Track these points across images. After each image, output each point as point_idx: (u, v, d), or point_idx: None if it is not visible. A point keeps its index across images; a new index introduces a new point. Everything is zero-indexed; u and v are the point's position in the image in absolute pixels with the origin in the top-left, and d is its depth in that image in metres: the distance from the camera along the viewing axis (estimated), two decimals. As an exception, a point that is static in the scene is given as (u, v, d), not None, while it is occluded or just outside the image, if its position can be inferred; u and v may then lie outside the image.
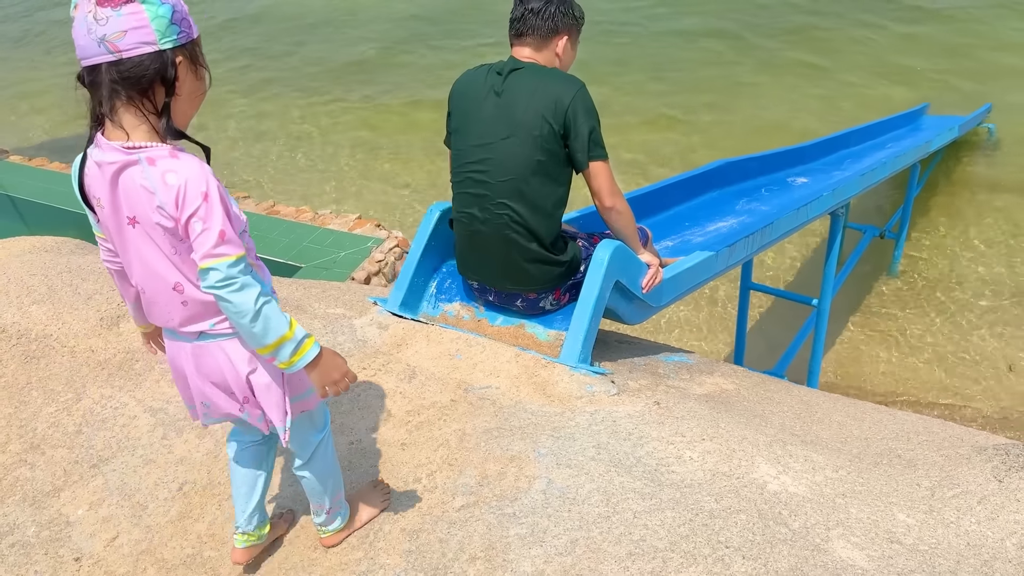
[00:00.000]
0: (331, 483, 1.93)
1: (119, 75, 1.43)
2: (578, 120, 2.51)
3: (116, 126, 1.47)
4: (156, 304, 1.61)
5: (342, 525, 2.01)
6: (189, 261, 1.52)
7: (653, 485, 2.06)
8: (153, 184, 1.45)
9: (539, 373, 2.57)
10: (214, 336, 1.62)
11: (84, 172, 1.53)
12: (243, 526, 1.93)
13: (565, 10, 2.61)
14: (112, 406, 2.59)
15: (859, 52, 9.53)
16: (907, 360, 5.65)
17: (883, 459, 2.35)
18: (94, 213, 1.58)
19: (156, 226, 1.49)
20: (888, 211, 6.90)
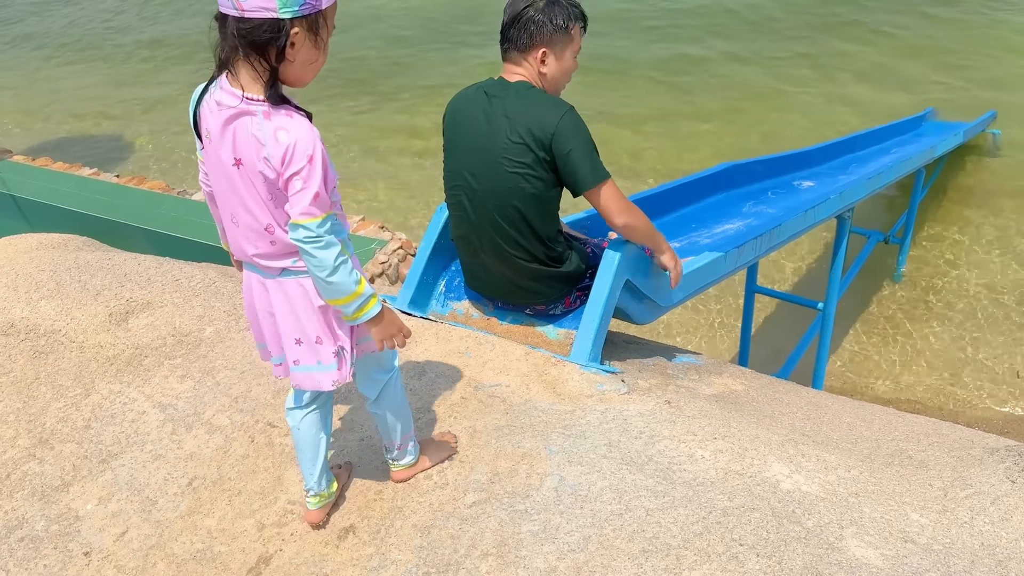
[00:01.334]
0: (401, 420, 2.04)
1: (239, 32, 1.50)
2: (566, 146, 2.38)
3: (235, 77, 1.55)
4: (246, 238, 1.70)
5: (413, 461, 2.13)
6: (280, 210, 1.62)
7: (665, 483, 2.06)
8: (264, 137, 1.54)
9: (549, 371, 2.57)
10: (295, 273, 1.71)
11: (201, 105, 1.63)
12: (314, 488, 2.02)
13: (545, 21, 2.42)
14: (121, 401, 2.58)
15: (861, 57, 9.54)
16: (912, 365, 5.64)
17: (894, 460, 2.34)
18: (200, 141, 1.67)
19: (259, 173, 1.58)
20: (892, 216, 6.90)
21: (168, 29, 13.41)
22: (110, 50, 12.93)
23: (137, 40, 13.17)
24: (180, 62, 12.02)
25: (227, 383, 2.58)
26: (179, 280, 3.12)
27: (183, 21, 13.69)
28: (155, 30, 13.51)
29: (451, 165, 2.62)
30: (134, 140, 9.90)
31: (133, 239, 6.50)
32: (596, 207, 2.49)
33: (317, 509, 2.04)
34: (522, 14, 2.43)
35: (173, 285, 3.08)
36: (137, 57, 12.48)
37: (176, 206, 7.03)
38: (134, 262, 3.25)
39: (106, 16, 14.54)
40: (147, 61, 12.26)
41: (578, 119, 2.43)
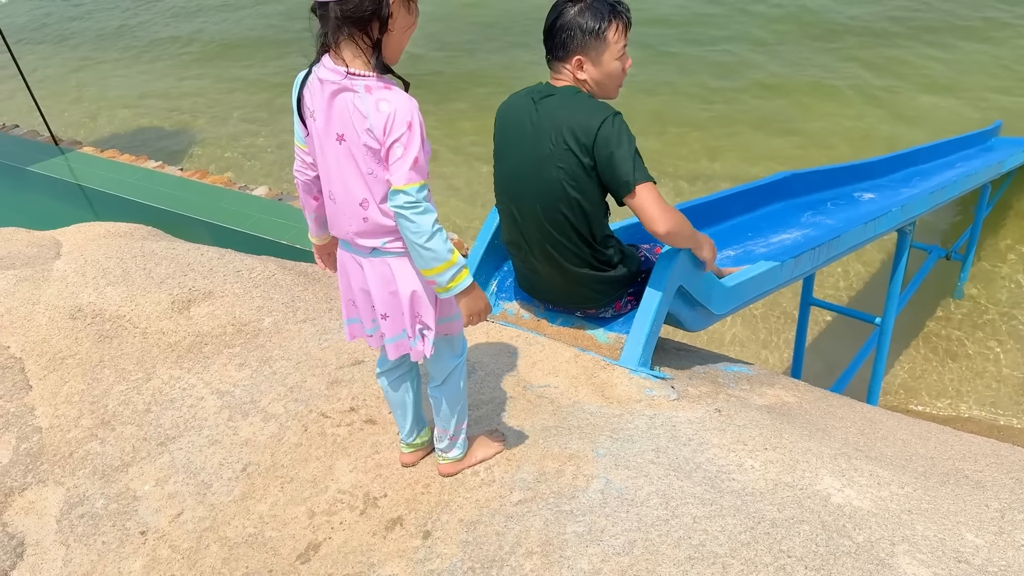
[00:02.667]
0: (459, 410, 2.09)
1: (342, 13, 1.60)
2: (607, 151, 2.35)
3: (338, 56, 1.65)
4: (342, 214, 1.78)
5: (460, 455, 2.17)
6: (378, 183, 1.70)
7: (713, 491, 2.04)
8: (366, 109, 1.63)
9: (598, 374, 2.57)
10: (384, 253, 1.79)
11: (305, 87, 1.73)
12: (406, 439, 2.20)
13: (577, 29, 2.38)
14: (180, 387, 2.66)
15: (927, 70, 9.32)
16: (970, 384, 5.50)
17: (950, 479, 2.29)
18: (303, 125, 1.78)
19: (362, 146, 1.66)
20: (954, 232, 6.73)
21: (236, 28, 13.72)
22: (179, 46, 13.28)
23: (206, 36, 13.51)
24: (246, 59, 12.30)
25: (283, 373, 2.64)
26: (240, 271, 3.20)
27: (251, 20, 13.99)
28: (223, 28, 13.84)
29: (500, 171, 2.63)
30: (199, 135, 10.16)
31: (194, 231, 6.68)
32: (637, 213, 2.41)
33: (409, 453, 2.23)
34: (555, 23, 2.42)
35: (234, 276, 3.16)
36: (205, 53, 12.80)
37: (237, 201, 7.20)
38: (197, 252, 3.34)
39: (176, 12, 14.93)
40: (215, 58, 12.57)
41: (622, 124, 2.38)
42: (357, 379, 2.57)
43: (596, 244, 2.60)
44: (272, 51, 12.44)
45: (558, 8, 2.44)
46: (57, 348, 2.88)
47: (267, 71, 11.72)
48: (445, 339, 1.97)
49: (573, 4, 2.43)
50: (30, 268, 3.33)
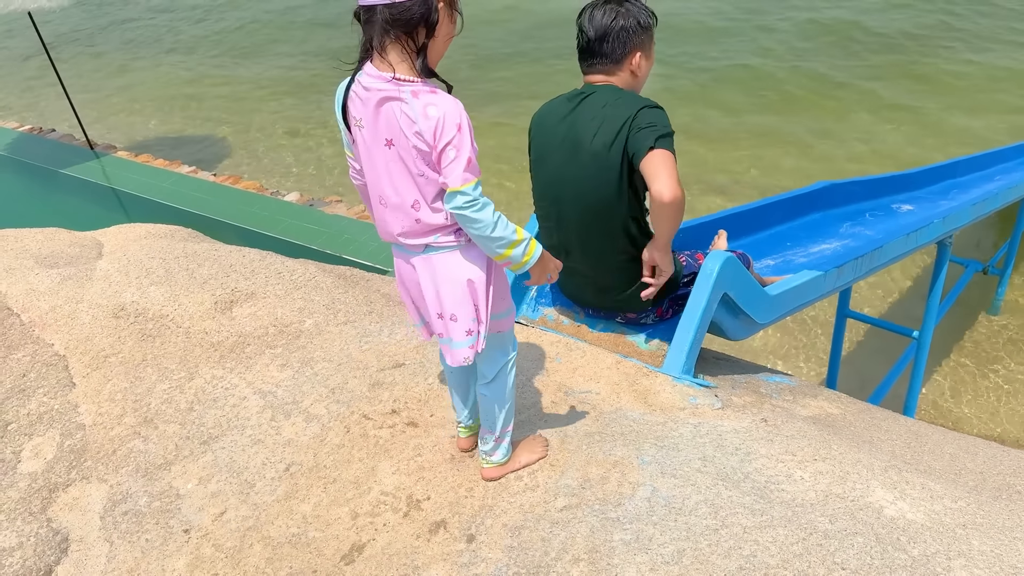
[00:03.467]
0: (506, 410, 2.09)
1: (391, 16, 1.63)
2: (639, 125, 2.33)
3: (383, 60, 1.67)
4: (393, 218, 1.81)
5: (504, 460, 2.17)
6: (429, 184, 1.73)
7: (763, 502, 2.01)
8: (415, 114, 1.66)
9: (640, 381, 2.55)
10: (437, 248, 1.82)
11: (348, 95, 1.76)
12: (464, 420, 2.24)
13: (633, 25, 2.43)
14: (223, 387, 2.66)
15: (961, 84, 9.21)
16: (1008, 401, 5.40)
17: (1002, 493, 2.24)
18: (349, 132, 1.81)
19: (412, 149, 1.69)
20: (991, 246, 6.63)
21: (271, 35, 13.85)
22: (212, 53, 13.44)
23: (238, 44, 13.65)
24: (278, 68, 12.41)
25: (325, 374, 2.64)
26: (281, 273, 3.21)
27: (288, 27, 14.12)
28: (256, 34, 13.98)
29: (541, 175, 2.62)
30: (232, 140, 10.26)
31: (227, 236, 6.73)
32: (649, 174, 2.30)
33: (466, 437, 2.26)
34: (611, 27, 2.42)
35: (276, 278, 3.18)
36: (238, 61, 12.93)
37: (268, 206, 7.26)
38: (239, 254, 3.36)
39: (215, 20, 15.11)
40: (246, 64, 12.70)
41: (662, 111, 2.38)
42: (398, 382, 2.57)
43: (638, 247, 2.58)
44: (305, 59, 12.55)
45: (605, 9, 2.44)
46: (100, 346, 2.90)
47: (300, 77, 11.82)
48: (496, 336, 1.99)
49: (617, 4, 2.46)
50: (73, 267, 3.37)
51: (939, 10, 11.03)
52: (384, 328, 2.88)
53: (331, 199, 7.52)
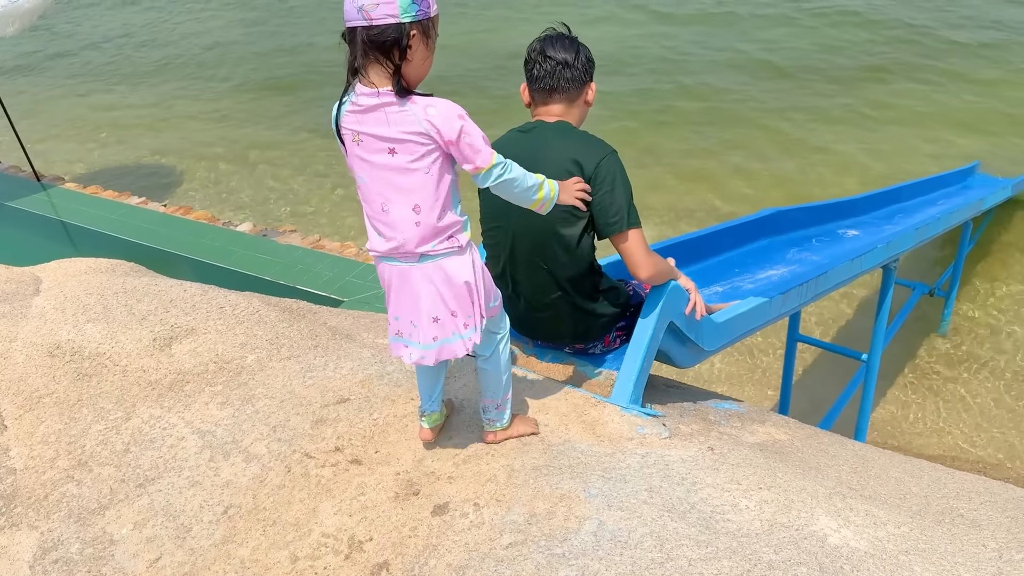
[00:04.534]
0: (506, 379, 2.28)
1: (368, 37, 1.79)
2: (603, 187, 2.38)
3: (366, 78, 1.83)
4: (394, 224, 1.93)
5: (506, 424, 2.36)
6: (432, 181, 1.88)
7: (708, 533, 2.00)
8: (416, 117, 1.82)
9: (589, 411, 2.53)
10: (434, 256, 1.96)
11: (341, 113, 1.91)
12: (427, 409, 2.33)
13: (590, 56, 2.49)
14: (161, 427, 2.59)
15: (908, 108, 9.47)
16: (956, 421, 5.49)
17: (945, 518, 2.26)
18: (345, 148, 1.94)
19: (412, 152, 1.85)
20: (937, 269, 6.78)
21: (222, 64, 13.76)
22: (161, 82, 13.30)
23: (188, 73, 13.54)
24: (230, 94, 12.32)
25: (266, 412, 2.58)
26: (223, 308, 3.14)
27: (239, 57, 14.05)
28: (206, 64, 13.88)
29: (488, 208, 2.61)
30: (183, 171, 10.12)
31: (178, 268, 6.62)
32: (622, 253, 2.44)
33: (430, 428, 2.35)
34: (572, 61, 2.44)
35: (217, 312, 3.11)
36: (188, 89, 12.81)
37: (220, 237, 7.15)
38: (180, 288, 3.29)
39: (159, 46, 14.98)
40: (198, 93, 12.58)
41: (619, 162, 2.43)
42: (343, 418, 2.52)
43: (585, 279, 2.58)
44: (258, 88, 12.48)
45: (557, 44, 2.46)
46: (34, 387, 2.81)
47: (253, 107, 11.74)
48: (491, 320, 2.17)
49: (563, 39, 2.48)
50: (8, 304, 3.27)
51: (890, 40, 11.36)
52: (329, 362, 2.83)
53: (285, 229, 7.43)
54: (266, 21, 15.65)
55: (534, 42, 2.50)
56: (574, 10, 13.61)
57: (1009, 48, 10.76)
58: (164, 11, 17.25)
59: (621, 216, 2.38)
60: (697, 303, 2.70)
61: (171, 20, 16.57)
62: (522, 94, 2.56)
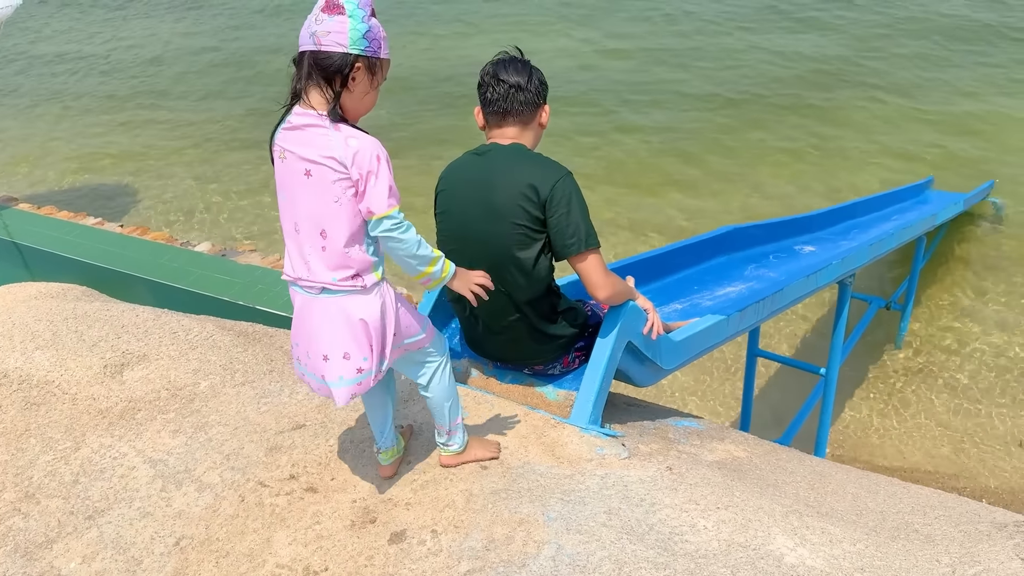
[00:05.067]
0: (450, 405, 2.27)
1: (314, 61, 1.85)
2: (559, 209, 2.38)
3: (307, 102, 1.87)
4: (303, 246, 1.93)
5: (460, 449, 2.36)
6: (342, 211, 1.87)
7: (667, 555, 2.00)
8: (336, 143, 1.84)
9: (548, 433, 2.52)
10: (334, 291, 1.94)
11: (276, 133, 1.94)
12: (383, 445, 2.32)
13: (543, 78, 2.50)
14: (111, 456, 2.53)
15: (861, 126, 9.66)
16: (914, 434, 5.57)
17: (900, 533, 2.28)
18: (273, 165, 1.96)
19: (329, 173, 1.85)
20: (893, 283, 6.90)
21: (176, 83, 13.62)
22: (117, 101, 13.12)
23: (141, 92, 13.38)
24: (184, 112, 12.19)
25: (219, 440, 2.53)
26: (176, 333, 3.09)
27: (190, 75, 13.92)
28: (159, 82, 13.73)
29: (446, 228, 2.60)
30: (140, 191, 9.98)
31: (135, 289, 6.49)
32: (580, 274, 2.45)
33: (389, 464, 2.35)
34: (526, 84, 2.45)
35: (170, 338, 3.05)
36: (143, 109, 12.65)
37: (178, 257, 7.04)
38: (132, 313, 3.22)
39: (111, 67, 14.79)
40: (152, 112, 12.43)
41: (575, 184, 2.43)
42: (298, 445, 2.48)
43: (542, 301, 2.58)
44: (214, 106, 12.36)
45: (509, 68, 2.47)
46: (-21, 417, 2.73)
47: (209, 125, 11.62)
48: (418, 352, 2.16)
49: (516, 62, 2.49)
50: (-47, 332, 3.18)
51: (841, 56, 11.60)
52: (284, 388, 2.79)
53: (244, 248, 7.35)
54: (219, 40, 15.53)
55: (487, 65, 2.51)
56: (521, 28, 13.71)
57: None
58: (115, 29, 17.04)
59: (579, 237, 2.39)
60: (655, 323, 2.71)
61: (121, 37, 16.38)
62: (476, 117, 2.56)
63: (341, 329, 1.96)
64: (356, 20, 1.85)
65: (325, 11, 1.84)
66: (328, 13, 1.84)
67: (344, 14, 1.84)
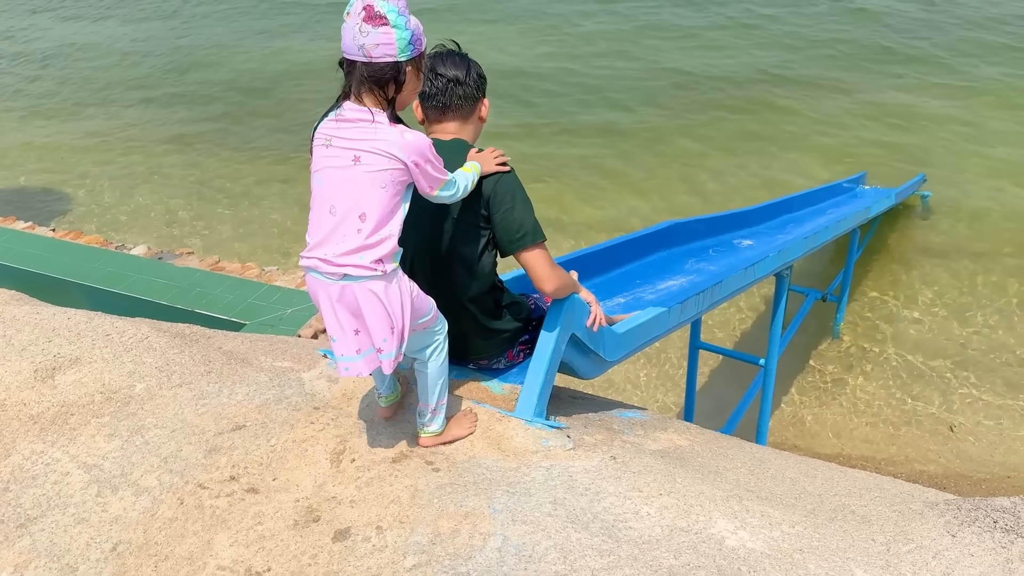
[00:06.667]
0: (440, 384, 2.36)
1: (368, 72, 2.01)
2: (504, 204, 2.39)
3: (360, 103, 2.03)
4: (337, 228, 2.03)
5: (439, 430, 2.42)
6: (384, 199, 2.03)
7: (611, 541, 2.02)
8: (392, 137, 2.00)
9: (494, 427, 2.52)
10: (353, 278, 2.04)
11: (321, 123, 2.09)
12: (384, 392, 2.52)
13: (481, 72, 2.52)
14: (43, 462, 2.45)
15: (796, 123, 9.88)
16: (851, 420, 5.73)
17: (838, 515, 2.34)
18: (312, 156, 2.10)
19: (377, 164, 2.00)
20: (829, 275, 7.08)
21: (109, 81, 13.26)
22: (47, 101, 12.72)
23: (73, 92, 12.99)
24: (117, 115, 11.87)
25: (157, 442, 2.47)
26: (110, 335, 3.00)
27: (122, 72, 13.57)
28: (87, 81, 13.34)
29: None
30: (72, 194, 9.69)
31: (70, 295, 6.29)
32: (527, 268, 2.46)
33: (387, 407, 2.54)
34: (464, 78, 2.46)
35: (103, 340, 2.97)
36: (74, 109, 12.29)
37: (113, 261, 6.85)
38: (63, 316, 3.12)
39: (41, 67, 14.33)
40: (84, 113, 12.08)
41: (517, 179, 2.46)
42: (238, 446, 2.44)
43: (486, 295, 2.58)
44: (148, 105, 12.07)
45: (447, 62, 2.47)
46: (-100, 426, 2.61)
47: (144, 127, 11.35)
48: (426, 331, 2.29)
49: (454, 55, 2.50)
50: None
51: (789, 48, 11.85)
52: (223, 388, 2.73)
53: (181, 251, 7.19)
54: (150, 37, 15.18)
55: (425, 59, 2.50)
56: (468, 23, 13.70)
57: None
58: (38, 26, 16.51)
59: (525, 231, 2.41)
60: (597, 315, 2.74)
61: (42, 35, 15.88)
62: (415, 111, 2.55)
63: (370, 312, 2.07)
64: (400, 29, 1.98)
65: (368, 22, 1.95)
66: (373, 25, 1.95)
67: (388, 24, 1.96)
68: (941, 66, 10.94)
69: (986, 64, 10.88)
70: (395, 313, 2.08)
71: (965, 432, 5.50)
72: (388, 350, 2.12)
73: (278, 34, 14.52)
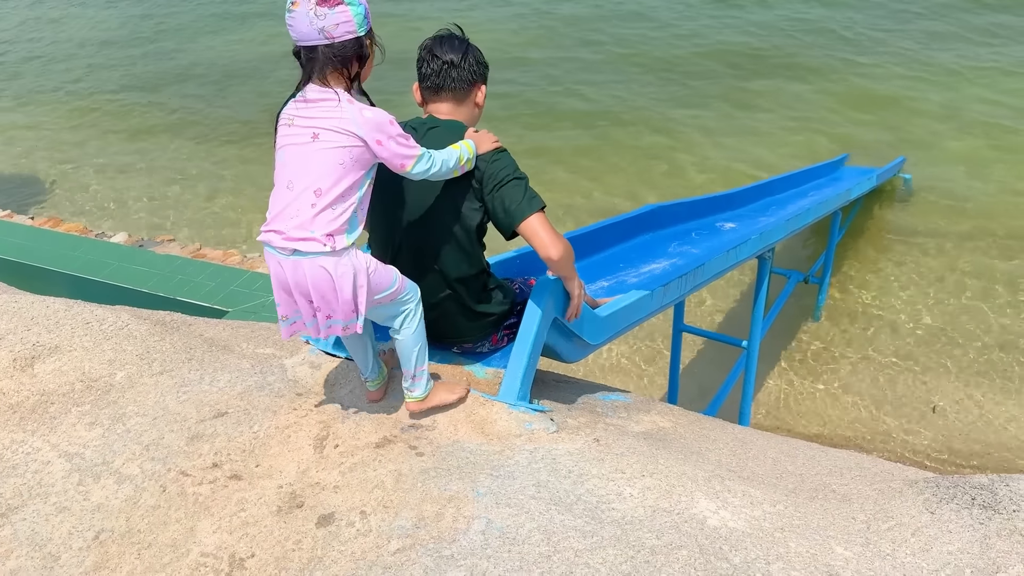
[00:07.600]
0: (417, 350, 2.38)
1: (332, 53, 2.05)
2: (498, 179, 2.40)
3: (324, 83, 2.08)
4: (292, 203, 2.07)
5: (424, 395, 2.44)
6: (341, 176, 2.06)
7: (594, 523, 2.03)
8: (351, 115, 2.05)
9: (478, 411, 2.53)
10: (304, 254, 2.06)
11: (286, 106, 2.14)
12: (370, 375, 2.52)
13: (480, 58, 2.55)
14: (24, 452, 2.43)
15: (778, 104, 9.91)
16: (833, 401, 5.78)
17: (818, 494, 2.37)
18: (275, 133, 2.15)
19: (334, 141, 2.05)
20: (811, 257, 7.11)
21: (85, 69, 13.10)
22: (26, 89, 12.55)
23: (54, 80, 12.82)
24: (97, 103, 11.73)
25: (138, 430, 2.46)
26: (89, 323, 2.98)
27: (100, 57, 13.40)
28: (70, 70, 13.18)
29: (377, 202, 2.57)
30: (50, 181, 9.58)
31: (50, 283, 6.24)
32: (530, 237, 2.41)
33: (376, 389, 2.54)
34: (460, 61, 2.48)
35: (83, 328, 2.94)
36: (55, 97, 12.13)
37: (94, 249, 6.79)
38: (42, 305, 3.09)
39: (23, 54, 14.13)
40: (64, 102, 11.93)
41: (510, 156, 2.47)
42: (220, 433, 2.43)
43: (475, 277, 2.58)
44: (127, 91, 11.93)
45: (445, 45, 2.50)
46: None
47: (120, 112, 11.22)
48: (393, 302, 2.29)
49: (453, 39, 2.53)
50: None
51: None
52: (205, 376, 2.72)
53: (162, 238, 7.14)
54: (127, 21, 14.99)
55: (425, 41, 2.54)
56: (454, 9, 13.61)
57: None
58: (16, 11, 16.28)
59: (525, 199, 2.39)
60: (576, 306, 2.73)
61: (20, 20, 15.65)
62: (414, 93, 2.57)
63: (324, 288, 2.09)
64: (355, 5, 2.04)
65: (323, 5, 1.98)
66: (329, 7, 1.99)
67: (343, 3, 2.01)
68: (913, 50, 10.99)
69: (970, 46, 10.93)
70: (344, 289, 2.09)
71: (945, 412, 5.56)
72: (336, 318, 2.15)
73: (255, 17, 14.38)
